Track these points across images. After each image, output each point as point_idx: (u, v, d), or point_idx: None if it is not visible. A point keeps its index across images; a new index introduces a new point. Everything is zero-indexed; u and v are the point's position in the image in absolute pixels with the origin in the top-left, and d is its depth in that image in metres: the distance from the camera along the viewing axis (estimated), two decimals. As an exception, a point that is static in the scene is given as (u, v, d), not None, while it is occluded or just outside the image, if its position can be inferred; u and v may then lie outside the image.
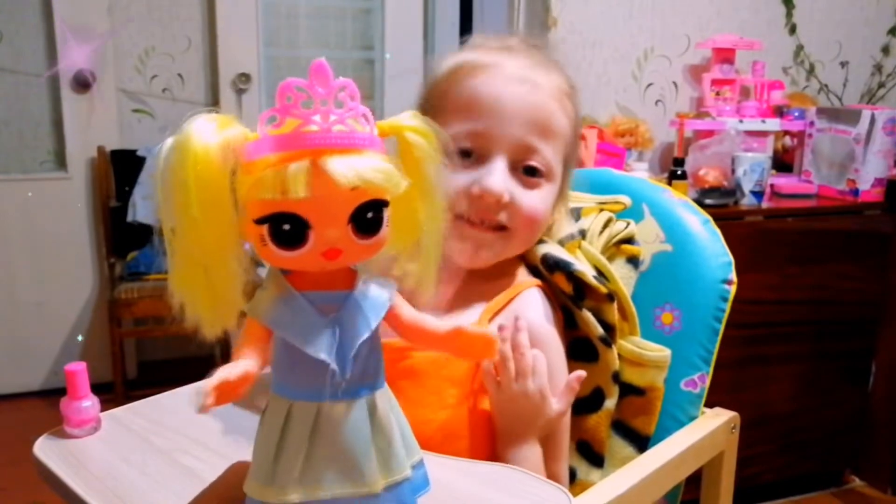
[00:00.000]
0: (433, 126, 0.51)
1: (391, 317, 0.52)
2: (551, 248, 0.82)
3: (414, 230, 0.51)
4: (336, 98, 0.46)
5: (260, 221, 0.45)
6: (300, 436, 0.48)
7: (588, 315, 0.79)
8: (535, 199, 0.76)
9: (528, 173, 0.76)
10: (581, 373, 0.73)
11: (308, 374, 0.48)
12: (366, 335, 0.49)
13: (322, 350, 0.47)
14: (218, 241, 0.45)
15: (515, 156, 0.75)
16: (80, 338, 2.73)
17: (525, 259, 0.83)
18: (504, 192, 0.73)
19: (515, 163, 0.75)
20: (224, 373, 0.44)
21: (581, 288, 0.79)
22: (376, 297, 0.51)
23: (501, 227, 0.76)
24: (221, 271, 0.46)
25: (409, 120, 0.50)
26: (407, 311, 0.53)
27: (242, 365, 0.45)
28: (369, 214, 0.46)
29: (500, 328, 0.71)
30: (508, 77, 0.76)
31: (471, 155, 0.75)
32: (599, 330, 0.79)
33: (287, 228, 0.45)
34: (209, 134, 0.44)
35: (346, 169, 0.44)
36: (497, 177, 0.73)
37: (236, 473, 0.57)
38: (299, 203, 0.44)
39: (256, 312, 0.47)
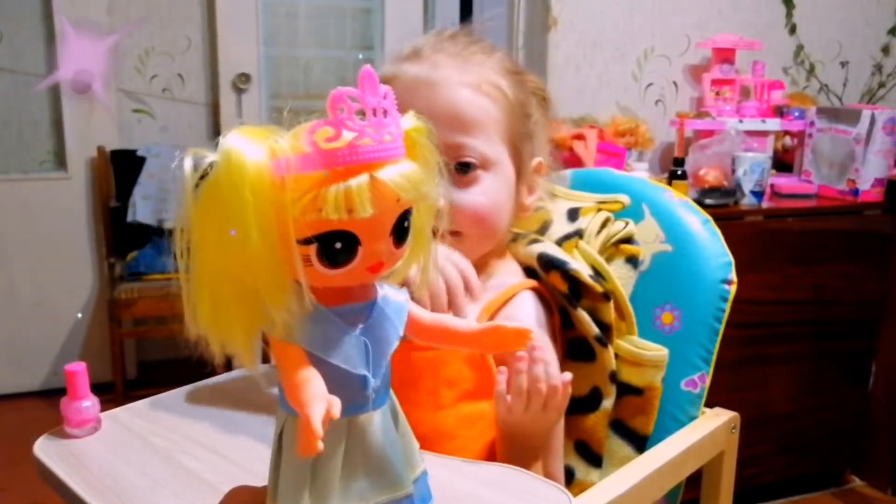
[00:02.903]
0: (428, 123, 0.49)
1: (409, 321, 0.51)
2: (548, 248, 0.81)
3: (414, 233, 0.50)
4: (382, 107, 0.44)
5: (308, 241, 0.43)
6: (336, 454, 0.47)
7: (584, 315, 0.79)
8: (475, 195, 0.75)
9: (461, 170, 0.75)
10: (568, 375, 0.71)
11: (341, 392, 0.45)
12: (396, 343, 0.48)
13: (361, 366, 0.46)
14: (275, 265, 0.42)
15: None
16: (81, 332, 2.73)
17: (520, 259, 0.83)
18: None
19: (445, 165, 0.74)
20: (322, 407, 0.41)
21: (577, 287, 0.79)
22: (396, 302, 0.50)
23: (453, 233, 0.75)
24: (277, 297, 0.43)
25: (412, 121, 0.49)
26: (423, 314, 0.53)
27: (325, 394, 0.42)
28: (405, 223, 0.46)
29: (518, 359, 0.70)
30: (407, 86, 0.74)
31: None
32: (595, 329, 0.79)
33: (339, 247, 0.43)
34: (257, 152, 0.42)
35: (402, 180, 0.43)
36: None
37: (237, 499, 0.57)
38: (356, 221, 0.42)
39: (291, 335, 0.45)
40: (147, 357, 2.84)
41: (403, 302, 0.51)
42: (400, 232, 0.45)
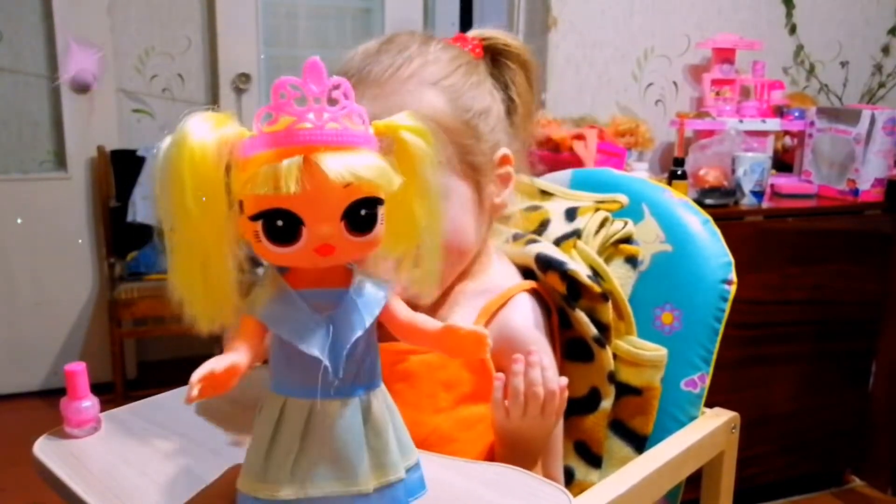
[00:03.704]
0: (430, 125, 0.50)
1: (386, 315, 0.52)
2: (545, 248, 0.81)
3: (413, 233, 0.51)
4: (330, 96, 0.46)
5: (254, 218, 0.46)
6: (292, 433, 0.48)
7: (581, 315, 0.79)
8: None
9: None
10: (563, 380, 0.71)
11: (302, 371, 0.48)
12: (359, 332, 0.49)
13: (315, 347, 0.47)
14: (213, 235, 0.46)
15: None
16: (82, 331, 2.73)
17: (518, 259, 0.83)
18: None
19: None
20: (211, 364, 0.44)
21: (575, 287, 0.79)
22: (371, 295, 0.51)
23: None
24: (217, 266, 0.47)
25: (405, 119, 0.50)
26: (402, 310, 0.53)
27: (230, 357, 0.45)
28: (363, 212, 0.47)
29: (514, 360, 0.70)
30: None
31: None
32: (593, 330, 0.79)
33: (280, 224, 0.45)
34: (205, 131, 0.45)
35: (338, 165, 0.44)
36: None
37: (235, 474, 0.57)
38: (292, 199, 0.44)
39: (252, 309, 0.48)
40: (147, 357, 2.84)
41: (380, 296, 0.51)
42: (355, 219, 0.46)
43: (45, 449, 0.67)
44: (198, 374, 0.43)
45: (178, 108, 2.78)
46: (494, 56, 0.82)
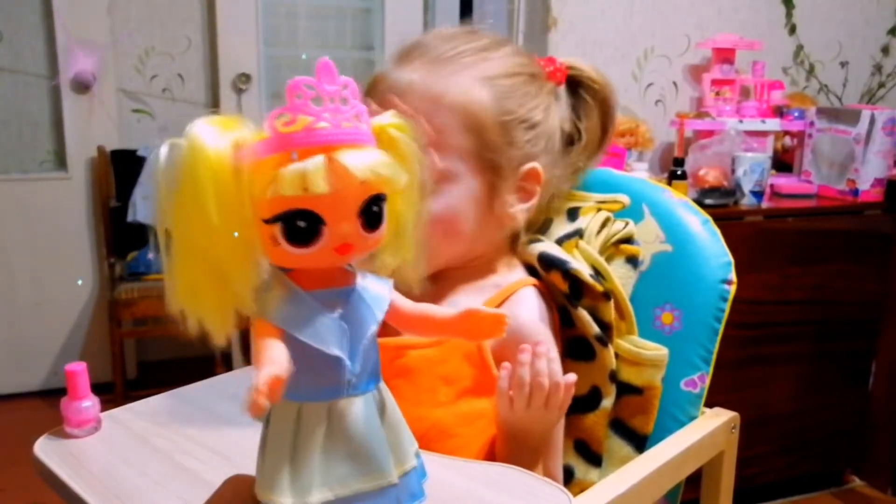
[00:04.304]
0: (411, 124, 0.52)
1: (392, 310, 0.52)
2: (548, 247, 0.81)
3: (395, 223, 0.52)
4: (340, 96, 0.47)
5: (273, 220, 0.45)
6: (315, 436, 0.48)
7: (584, 314, 0.79)
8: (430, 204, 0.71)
9: None
10: (572, 377, 0.71)
11: (318, 373, 0.48)
12: (374, 328, 0.50)
13: (335, 346, 0.47)
14: (237, 244, 0.45)
15: None
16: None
17: (521, 258, 0.83)
18: None
19: None
20: (273, 371, 0.43)
21: (578, 286, 0.79)
22: (377, 290, 0.51)
23: None
24: (240, 275, 0.45)
25: (390, 118, 0.51)
26: (406, 304, 0.54)
27: (284, 361, 0.44)
28: (374, 208, 0.47)
29: (521, 350, 0.70)
30: (384, 90, 0.74)
31: None
32: (595, 329, 0.79)
33: (302, 225, 0.45)
34: (219, 137, 0.44)
35: (360, 162, 0.45)
36: None
37: (233, 488, 0.57)
38: (314, 199, 0.44)
39: (267, 314, 0.47)
40: (147, 357, 2.84)
41: (385, 291, 0.52)
42: (369, 216, 0.47)
43: (45, 449, 0.67)
44: (264, 380, 0.41)
45: (178, 108, 2.79)
46: (576, 86, 0.86)
